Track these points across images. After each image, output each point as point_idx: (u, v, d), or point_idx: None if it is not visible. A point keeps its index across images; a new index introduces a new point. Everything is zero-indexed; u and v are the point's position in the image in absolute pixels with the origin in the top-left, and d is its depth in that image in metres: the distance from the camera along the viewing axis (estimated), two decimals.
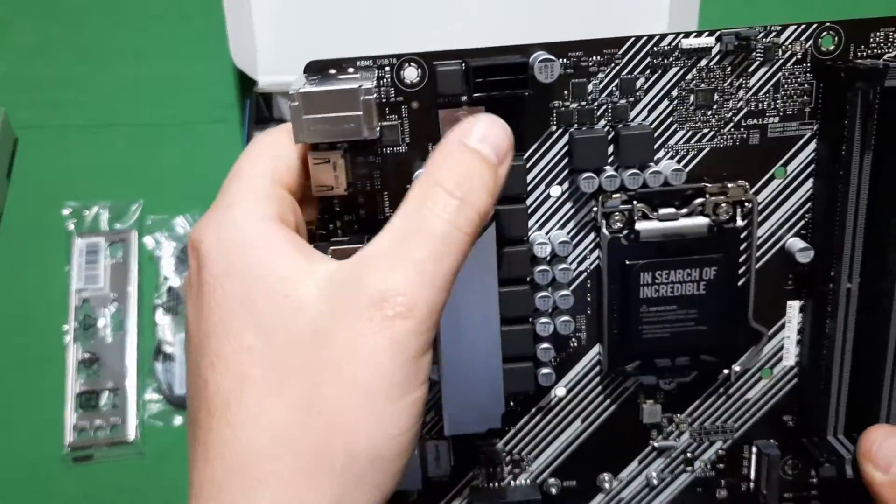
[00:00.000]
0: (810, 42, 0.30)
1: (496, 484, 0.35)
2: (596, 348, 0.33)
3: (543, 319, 0.32)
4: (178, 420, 0.51)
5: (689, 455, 0.35)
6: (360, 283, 0.24)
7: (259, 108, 0.52)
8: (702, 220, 0.31)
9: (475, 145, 0.25)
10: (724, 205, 0.31)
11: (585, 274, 0.32)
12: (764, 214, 0.32)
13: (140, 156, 0.54)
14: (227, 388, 0.24)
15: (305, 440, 0.23)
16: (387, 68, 0.29)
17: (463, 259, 0.24)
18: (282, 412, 0.23)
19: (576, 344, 0.33)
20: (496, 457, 0.35)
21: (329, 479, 0.23)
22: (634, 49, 0.30)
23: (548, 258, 0.31)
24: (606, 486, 0.35)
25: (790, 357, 0.34)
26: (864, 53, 0.30)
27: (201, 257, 0.25)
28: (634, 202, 0.31)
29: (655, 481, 0.35)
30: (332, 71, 0.29)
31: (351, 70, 0.29)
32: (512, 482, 0.35)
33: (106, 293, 0.52)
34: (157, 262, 0.53)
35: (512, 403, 0.34)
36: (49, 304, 0.53)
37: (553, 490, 0.35)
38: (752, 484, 0.36)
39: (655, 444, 0.35)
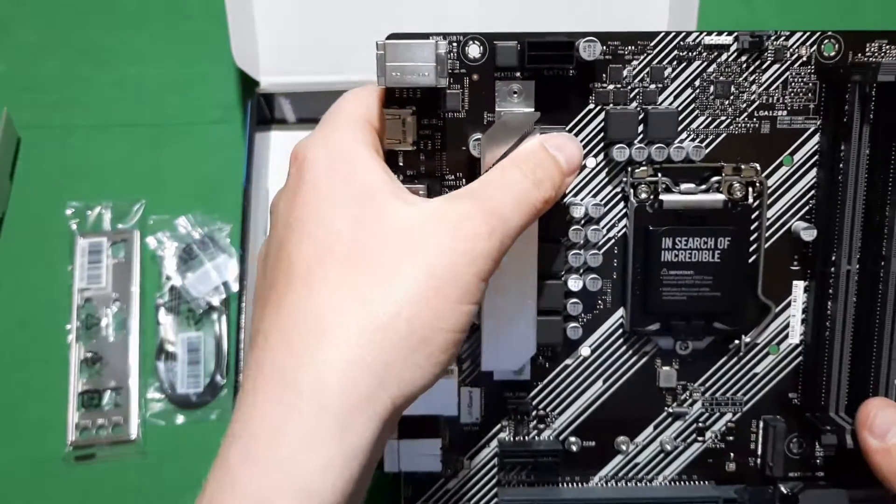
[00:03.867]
0: (814, 47, 0.35)
1: (522, 437, 0.38)
2: (619, 311, 0.37)
3: (574, 276, 0.36)
4: (180, 419, 0.52)
5: (700, 424, 0.38)
6: (452, 207, 0.28)
7: (261, 109, 0.53)
8: (718, 196, 0.35)
9: (553, 151, 0.31)
10: (737, 184, 0.36)
11: (613, 241, 0.36)
12: (773, 197, 0.36)
13: (142, 156, 0.54)
14: (312, 259, 0.28)
15: (377, 309, 0.26)
16: (454, 44, 0.34)
17: (525, 225, 0.29)
18: (359, 282, 0.27)
19: (601, 306, 0.37)
20: (523, 409, 0.38)
21: (389, 345, 0.26)
22: (664, 42, 0.35)
23: (582, 220, 0.36)
24: (623, 447, 0.38)
25: (795, 335, 0.37)
26: (861, 60, 0.35)
27: (306, 162, 0.30)
28: (660, 175, 0.35)
29: (668, 447, 0.38)
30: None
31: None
32: (536, 437, 0.38)
33: (108, 293, 0.52)
34: (160, 261, 0.53)
35: (541, 359, 0.37)
36: (52, 303, 0.53)
37: (574, 448, 0.38)
38: (758, 460, 0.38)
39: (670, 410, 0.38)
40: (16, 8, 0.56)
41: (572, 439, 0.38)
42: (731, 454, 0.38)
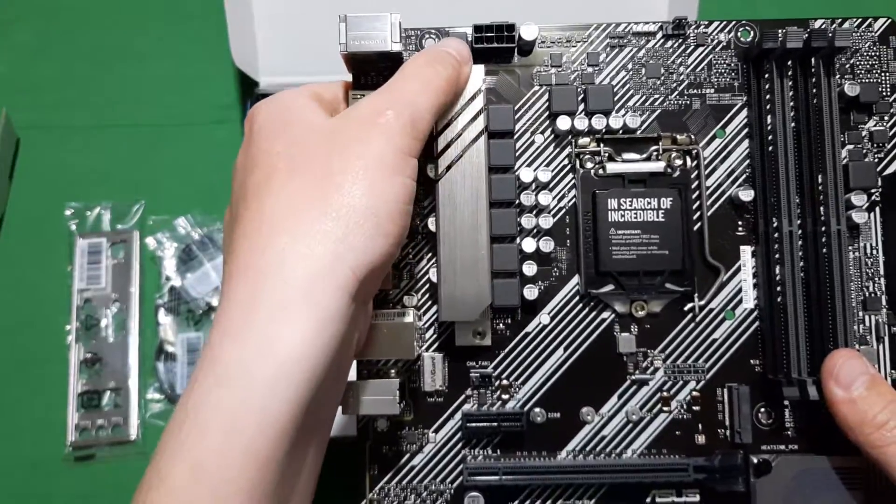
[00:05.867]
0: (732, 34, 0.39)
1: (486, 409, 0.38)
2: (575, 279, 0.39)
3: (527, 238, 0.38)
4: None
5: (665, 394, 0.38)
6: (363, 104, 0.33)
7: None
8: (658, 163, 0.38)
9: (442, 47, 0.36)
10: (675, 153, 0.39)
11: (564, 210, 0.39)
12: (711, 167, 0.39)
13: (141, 157, 0.55)
14: (260, 179, 0.31)
15: (317, 202, 0.30)
16: (412, 37, 0.39)
17: (436, 104, 0.33)
18: (299, 186, 0.30)
19: (557, 273, 0.39)
20: (486, 380, 0.38)
21: (336, 222, 0.29)
22: (597, 32, 0.39)
23: (531, 185, 0.38)
24: (589, 419, 0.38)
25: (749, 300, 0.39)
26: (774, 44, 0.39)
27: (254, 116, 0.34)
28: (602, 146, 0.39)
29: (635, 417, 0.38)
30: None
31: None
32: (501, 409, 0.38)
33: (108, 293, 0.53)
34: (159, 262, 0.54)
35: (501, 326, 0.38)
36: (51, 304, 0.53)
37: (539, 419, 0.38)
38: (727, 431, 0.38)
39: (633, 378, 0.38)
40: (16, 9, 0.57)
41: (537, 410, 0.38)
42: (700, 425, 0.38)
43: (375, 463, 0.38)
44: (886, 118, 0.39)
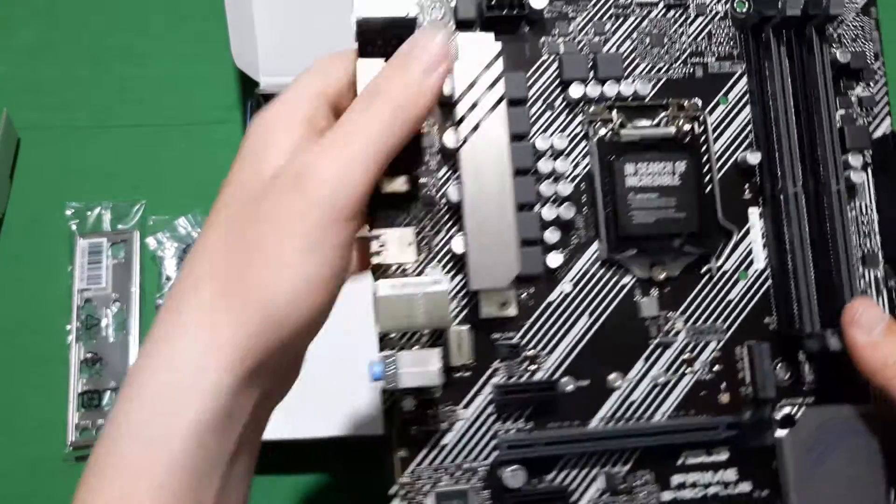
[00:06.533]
0: (728, 5, 0.41)
1: (516, 380, 0.37)
2: (595, 245, 0.38)
3: (548, 206, 0.38)
4: None
5: (688, 355, 0.38)
6: (293, 161, 0.31)
7: (261, 110, 0.53)
8: (669, 129, 0.39)
9: (417, 61, 0.33)
10: (682, 118, 0.39)
11: (581, 177, 0.39)
12: (718, 132, 0.40)
13: (142, 157, 0.55)
14: (210, 216, 0.32)
15: (223, 276, 0.30)
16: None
17: (385, 147, 0.31)
18: (221, 247, 0.30)
19: (577, 241, 0.38)
20: (514, 350, 0.37)
21: (231, 304, 0.30)
22: (601, 2, 0.40)
23: (547, 152, 0.38)
24: (617, 384, 0.38)
25: (760, 260, 0.39)
26: (772, 12, 0.41)
27: (246, 135, 0.34)
28: (614, 112, 0.39)
29: (661, 380, 0.38)
30: None
31: None
32: (530, 380, 0.37)
33: (108, 293, 0.53)
34: (160, 262, 0.53)
35: (525, 296, 0.38)
36: (52, 304, 0.53)
37: (568, 388, 0.37)
38: (749, 388, 0.39)
39: (657, 341, 0.38)
40: (17, 9, 0.57)
41: (565, 379, 0.38)
42: (723, 385, 0.39)
43: (404, 446, 0.37)
44: (872, 84, 0.41)
